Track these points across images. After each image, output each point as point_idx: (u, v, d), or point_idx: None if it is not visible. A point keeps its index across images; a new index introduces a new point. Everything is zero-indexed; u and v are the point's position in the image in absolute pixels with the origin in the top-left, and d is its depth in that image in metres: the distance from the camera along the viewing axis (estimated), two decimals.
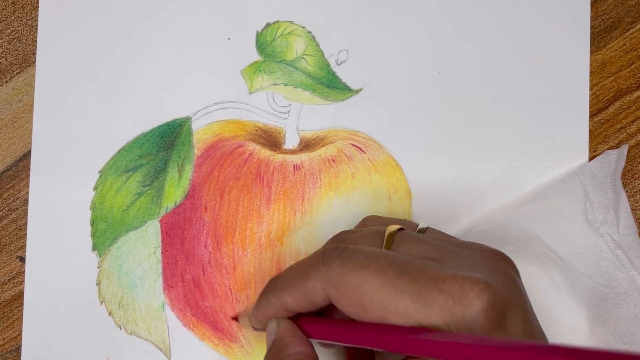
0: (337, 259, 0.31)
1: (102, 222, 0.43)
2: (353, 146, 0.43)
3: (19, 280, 0.43)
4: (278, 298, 0.33)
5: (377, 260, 0.30)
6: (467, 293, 0.28)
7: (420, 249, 0.32)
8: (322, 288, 0.31)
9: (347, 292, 0.30)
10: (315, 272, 0.31)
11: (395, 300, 0.29)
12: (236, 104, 0.44)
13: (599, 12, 0.45)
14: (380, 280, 0.29)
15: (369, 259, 0.30)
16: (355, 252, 0.31)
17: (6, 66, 0.44)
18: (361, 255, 0.30)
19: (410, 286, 0.29)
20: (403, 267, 0.29)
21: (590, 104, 0.44)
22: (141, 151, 0.43)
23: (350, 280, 0.30)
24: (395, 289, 0.29)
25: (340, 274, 0.30)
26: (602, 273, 0.42)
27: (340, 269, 0.30)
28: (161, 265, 0.42)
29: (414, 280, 0.29)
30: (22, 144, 0.43)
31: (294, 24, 0.44)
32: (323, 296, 0.31)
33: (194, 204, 0.43)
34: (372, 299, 0.29)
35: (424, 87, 0.44)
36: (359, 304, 0.30)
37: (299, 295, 0.32)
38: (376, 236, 0.33)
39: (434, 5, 0.44)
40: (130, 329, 0.42)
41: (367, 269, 0.30)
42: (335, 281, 0.30)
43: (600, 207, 0.42)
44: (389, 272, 0.29)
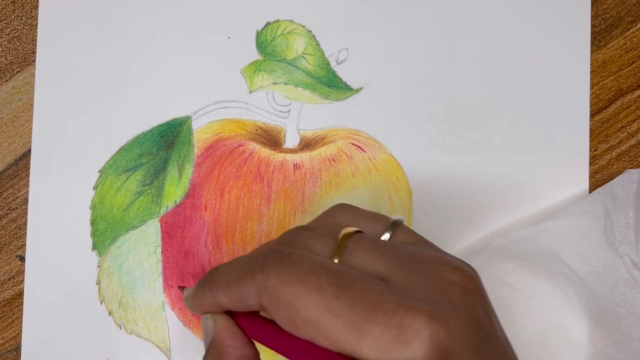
0: (277, 266, 0.28)
1: (102, 222, 0.43)
2: (353, 145, 0.43)
3: (19, 280, 0.43)
4: (213, 294, 0.31)
5: (317, 276, 0.27)
6: (406, 328, 0.25)
7: (372, 261, 0.29)
8: (257, 296, 0.29)
9: (279, 306, 0.28)
10: (252, 277, 0.29)
11: (328, 324, 0.26)
12: (236, 103, 0.44)
13: (599, 11, 0.44)
14: (315, 301, 0.27)
15: (309, 273, 0.28)
16: (298, 261, 0.28)
17: (6, 65, 0.44)
18: (302, 267, 0.28)
19: (346, 311, 0.26)
20: (344, 287, 0.27)
21: (591, 103, 0.44)
22: (141, 150, 0.43)
23: (285, 294, 0.27)
24: (329, 313, 0.26)
25: (276, 285, 0.28)
26: (619, 293, 0.42)
27: (277, 279, 0.28)
28: (161, 265, 0.42)
29: (352, 305, 0.26)
30: (22, 143, 0.43)
31: (294, 23, 0.44)
32: (257, 303, 0.29)
33: (194, 204, 0.43)
34: (304, 319, 0.27)
35: (424, 87, 0.44)
36: (291, 320, 0.28)
37: (234, 298, 0.30)
38: (330, 238, 0.30)
39: (435, 4, 0.44)
40: (130, 328, 0.42)
41: (304, 285, 0.27)
42: (269, 293, 0.28)
43: (620, 226, 0.42)
44: (326, 293, 0.27)
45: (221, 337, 0.32)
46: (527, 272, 0.42)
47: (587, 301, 0.42)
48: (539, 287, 0.42)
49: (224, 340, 0.32)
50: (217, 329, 0.32)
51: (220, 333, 0.32)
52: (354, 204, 0.42)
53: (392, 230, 0.32)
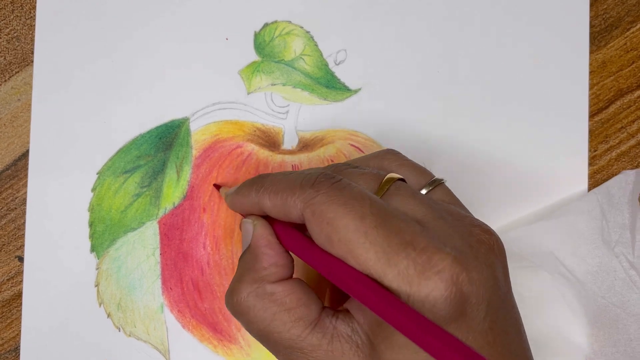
0: (326, 187, 0.30)
1: (100, 224, 0.43)
2: (352, 146, 0.43)
3: (18, 280, 0.43)
4: (259, 196, 0.33)
5: (361, 204, 0.29)
6: (431, 266, 0.27)
7: (409, 206, 0.31)
8: (301, 208, 0.30)
9: (320, 222, 0.30)
10: (301, 190, 0.31)
11: (361, 248, 0.28)
12: (234, 104, 0.44)
13: (599, 11, 0.44)
14: (356, 223, 0.29)
15: (354, 199, 0.29)
16: (346, 187, 0.30)
17: (5, 65, 0.44)
18: (349, 192, 0.30)
19: (381, 241, 0.28)
20: (383, 220, 0.29)
21: (591, 103, 0.44)
22: (139, 152, 0.43)
23: (328, 212, 0.29)
24: (365, 238, 0.28)
25: (322, 202, 0.30)
26: (616, 293, 0.42)
27: (324, 197, 0.30)
28: (160, 267, 0.42)
29: (387, 236, 0.28)
30: (21, 143, 0.43)
31: (292, 24, 0.44)
32: (299, 215, 0.31)
33: (193, 205, 0.43)
34: (341, 238, 0.29)
35: (422, 87, 0.44)
36: (328, 237, 0.29)
37: (278, 204, 0.32)
38: (374, 179, 0.32)
39: (433, 5, 0.44)
40: (129, 330, 0.42)
41: (347, 208, 0.29)
42: (314, 207, 0.30)
43: (616, 227, 0.42)
44: (367, 220, 0.29)
45: (259, 243, 0.33)
46: (524, 272, 0.42)
47: (585, 301, 0.42)
48: (536, 287, 0.42)
49: (261, 247, 0.33)
50: (256, 234, 0.34)
51: (259, 239, 0.34)
52: None
53: (432, 186, 0.34)
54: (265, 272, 0.32)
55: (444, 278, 0.27)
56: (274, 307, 0.32)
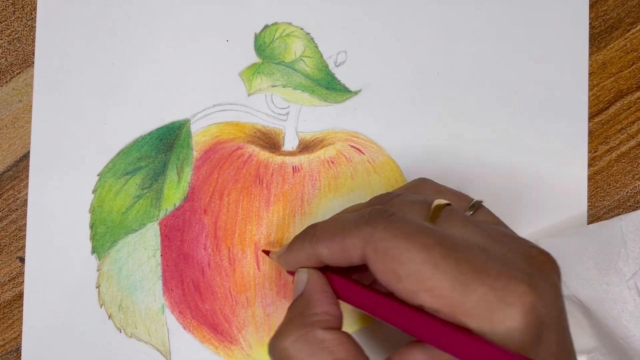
0: (384, 222, 0.29)
1: (101, 225, 0.43)
2: (352, 147, 0.43)
3: (19, 281, 0.43)
4: (314, 246, 0.32)
5: (424, 235, 0.28)
6: (510, 291, 0.27)
7: (466, 231, 0.30)
8: (362, 247, 0.30)
9: (385, 258, 0.29)
10: (358, 229, 0.30)
11: (434, 279, 0.27)
12: (235, 105, 0.44)
13: (599, 12, 0.44)
14: (423, 256, 0.28)
15: (416, 231, 0.29)
16: (403, 220, 0.29)
17: (6, 66, 0.44)
18: (408, 225, 0.29)
19: (452, 269, 0.27)
20: (450, 249, 0.28)
21: (591, 104, 0.44)
22: (140, 154, 0.43)
23: (392, 247, 0.28)
24: (436, 268, 0.27)
25: (383, 238, 0.29)
26: (621, 326, 0.40)
27: (384, 232, 0.29)
28: (161, 268, 0.42)
29: (458, 264, 0.27)
30: (22, 144, 0.43)
31: (292, 26, 0.44)
32: (360, 255, 0.30)
33: (193, 207, 0.43)
34: (410, 272, 0.28)
35: (423, 88, 0.44)
36: (395, 273, 0.28)
37: (336, 249, 0.31)
38: (422, 206, 0.32)
39: (433, 6, 0.44)
40: (130, 331, 0.42)
41: (412, 241, 0.28)
42: (377, 244, 0.29)
43: (639, 259, 0.41)
44: (434, 250, 0.28)
45: (312, 291, 0.33)
46: None
47: (591, 322, 0.41)
48: None
49: (314, 294, 0.32)
50: (310, 282, 0.33)
51: (313, 286, 0.33)
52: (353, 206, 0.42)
53: (474, 209, 0.33)
54: (317, 318, 0.31)
55: (525, 303, 0.27)
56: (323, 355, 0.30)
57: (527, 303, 0.27)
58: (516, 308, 0.27)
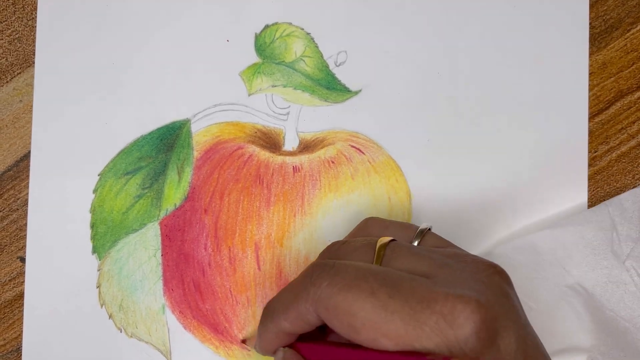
0: (326, 278, 0.30)
1: (101, 225, 0.43)
2: (352, 147, 0.43)
3: (20, 281, 0.43)
4: (275, 323, 0.33)
5: (367, 280, 0.29)
6: (458, 314, 0.28)
7: (411, 263, 0.31)
8: (314, 310, 0.30)
9: (337, 314, 0.29)
10: (305, 293, 0.30)
11: (387, 322, 0.28)
12: (235, 105, 0.44)
13: (599, 12, 0.44)
14: (370, 302, 0.28)
15: (358, 278, 0.29)
16: (344, 269, 0.30)
17: (7, 66, 0.44)
18: (350, 274, 0.29)
19: (401, 307, 0.28)
20: (394, 286, 0.29)
21: (591, 104, 0.44)
22: (140, 153, 0.43)
23: (340, 301, 0.29)
24: (386, 311, 0.28)
25: (329, 295, 0.29)
26: (625, 307, 0.41)
27: (329, 289, 0.29)
28: (161, 268, 0.42)
29: (405, 300, 0.28)
30: (23, 144, 0.43)
31: (292, 26, 0.44)
32: (316, 317, 0.30)
33: (194, 206, 0.43)
34: (364, 321, 0.28)
35: (423, 88, 0.44)
36: (351, 326, 0.29)
37: (294, 318, 0.31)
38: (368, 249, 0.32)
39: (433, 6, 0.44)
40: (131, 331, 0.42)
41: (356, 290, 0.29)
42: (325, 303, 0.29)
43: (628, 240, 0.42)
44: (379, 293, 0.28)
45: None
46: (531, 283, 0.42)
47: (593, 311, 0.41)
48: (543, 297, 0.42)
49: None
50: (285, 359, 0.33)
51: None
52: (353, 206, 0.42)
53: (421, 236, 0.34)
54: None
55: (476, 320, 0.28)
56: None
57: (477, 320, 0.28)
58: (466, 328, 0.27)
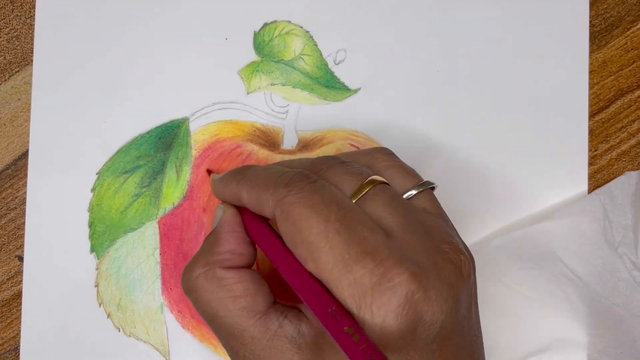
0: (298, 189, 0.30)
1: (100, 224, 0.43)
2: (352, 146, 0.43)
3: (18, 280, 0.43)
4: (238, 187, 0.33)
5: (329, 208, 0.29)
6: (387, 279, 0.28)
7: (383, 213, 0.31)
8: (272, 206, 0.31)
9: (287, 222, 0.30)
10: (274, 189, 0.31)
11: (320, 251, 0.29)
12: (234, 104, 0.43)
13: (599, 10, 0.44)
14: (319, 227, 0.29)
15: (323, 202, 0.30)
16: (317, 190, 0.30)
17: (5, 65, 0.44)
18: (319, 195, 0.30)
19: (340, 247, 0.28)
20: (347, 227, 0.29)
21: (591, 103, 0.44)
22: (139, 152, 0.43)
23: (295, 213, 0.30)
24: (326, 242, 0.29)
25: (290, 203, 0.30)
26: (619, 294, 0.42)
27: (293, 198, 0.30)
28: (160, 267, 0.42)
29: (348, 243, 0.28)
30: (21, 142, 0.43)
31: (291, 24, 0.44)
32: (271, 212, 0.31)
33: (192, 205, 0.43)
34: (303, 239, 0.29)
35: (422, 87, 0.44)
36: (292, 237, 0.30)
37: (253, 199, 0.32)
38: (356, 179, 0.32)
39: (432, 4, 0.44)
40: (129, 330, 0.42)
41: (314, 211, 0.29)
42: (283, 207, 0.30)
43: (620, 227, 0.42)
44: (330, 225, 0.29)
45: (222, 229, 0.34)
46: (527, 273, 0.42)
47: (589, 301, 0.42)
48: (539, 287, 0.42)
49: (223, 233, 0.34)
50: (222, 220, 0.34)
51: (223, 224, 0.34)
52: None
53: (417, 190, 0.34)
54: (219, 257, 0.33)
55: (398, 293, 0.27)
56: (220, 292, 0.32)
57: (400, 293, 0.27)
58: (386, 297, 0.27)
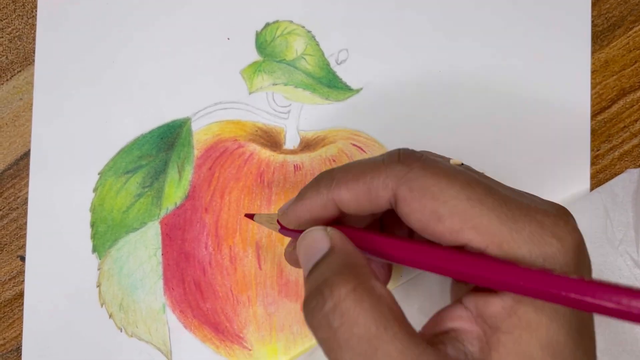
0: (418, 161, 0.28)
1: (102, 224, 0.43)
2: (354, 146, 0.43)
3: (20, 280, 0.43)
4: (332, 191, 0.29)
5: (463, 174, 0.27)
6: (561, 227, 0.26)
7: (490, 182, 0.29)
8: (394, 187, 0.27)
9: (423, 197, 0.27)
10: (388, 168, 0.28)
11: (480, 216, 0.26)
12: (236, 104, 0.43)
13: (602, 10, 0.44)
14: (467, 192, 0.26)
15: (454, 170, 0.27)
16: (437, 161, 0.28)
17: (7, 65, 0.44)
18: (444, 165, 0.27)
19: (499, 206, 0.26)
20: (490, 187, 0.27)
21: (594, 102, 0.44)
22: (141, 152, 0.43)
23: (431, 184, 0.27)
24: (482, 205, 0.26)
25: (419, 176, 0.27)
26: None
27: (421, 170, 0.27)
28: (161, 267, 0.42)
29: (505, 202, 0.26)
30: (23, 142, 0.43)
31: (293, 24, 0.44)
32: (389, 198, 0.28)
33: (195, 205, 0.43)
34: (453, 210, 0.26)
35: (424, 87, 0.44)
36: (434, 212, 0.26)
37: (361, 191, 0.28)
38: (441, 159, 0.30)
39: (434, 4, 0.44)
40: (131, 331, 0.42)
41: (452, 179, 0.27)
42: (413, 182, 0.27)
43: (620, 225, 0.42)
44: (477, 187, 0.27)
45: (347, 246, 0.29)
46: None
47: None
48: None
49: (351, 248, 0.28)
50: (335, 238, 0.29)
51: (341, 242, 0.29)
52: None
53: None
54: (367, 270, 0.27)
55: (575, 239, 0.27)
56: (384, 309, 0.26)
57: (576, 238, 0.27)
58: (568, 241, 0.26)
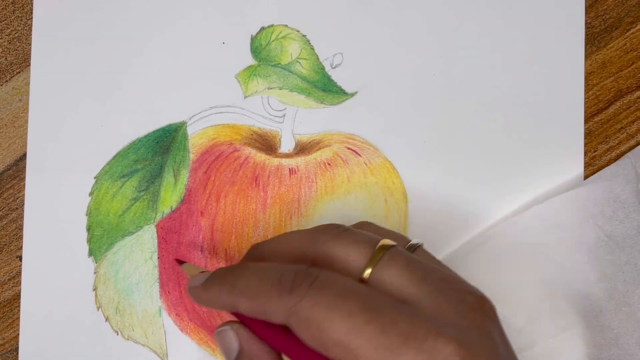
0: (306, 289, 0.29)
1: (98, 228, 0.43)
2: (349, 149, 0.43)
3: (19, 280, 0.43)
4: (233, 300, 0.31)
5: (347, 301, 0.28)
6: (437, 353, 0.26)
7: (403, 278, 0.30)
8: (284, 317, 0.29)
9: (309, 328, 0.28)
10: (278, 298, 0.29)
11: (360, 348, 0.27)
12: (231, 108, 0.43)
13: (599, 11, 0.44)
14: (346, 325, 0.27)
15: (339, 297, 0.28)
16: (327, 285, 0.29)
17: (6, 66, 0.44)
18: (332, 291, 0.28)
19: (377, 337, 0.27)
20: (374, 313, 0.28)
21: (591, 104, 0.44)
22: (137, 156, 0.43)
23: (315, 318, 0.28)
24: (361, 337, 0.27)
25: (304, 308, 0.28)
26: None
27: (306, 303, 0.28)
28: (158, 271, 0.43)
29: (383, 330, 0.27)
30: (22, 143, 0.44)
31: (288, 28, 0.44)
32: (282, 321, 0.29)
33: (190, 209, 0.43)
34: (336, 342, 0.28)
35: (419, 90, 0.44)
36: (321, 342, 0.28)
37: (257, 310, 0.30)
38: (367, 246, 0.31)
39: (429, 8, 0.44)
40: (128, 334, 0.42)
41: (335, 310, 0.28)
42: (299, 315, 0.28)
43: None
44: (357, 318, 0.27)
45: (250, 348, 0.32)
46: (564, 243, 0.42)
47: (625, 267, 0.42)
48: (576, 258, 0.42)
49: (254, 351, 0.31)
50: (244, 340, 0.32)
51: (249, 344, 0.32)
52: (349, 208, 0.42)
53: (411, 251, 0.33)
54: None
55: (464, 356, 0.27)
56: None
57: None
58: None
